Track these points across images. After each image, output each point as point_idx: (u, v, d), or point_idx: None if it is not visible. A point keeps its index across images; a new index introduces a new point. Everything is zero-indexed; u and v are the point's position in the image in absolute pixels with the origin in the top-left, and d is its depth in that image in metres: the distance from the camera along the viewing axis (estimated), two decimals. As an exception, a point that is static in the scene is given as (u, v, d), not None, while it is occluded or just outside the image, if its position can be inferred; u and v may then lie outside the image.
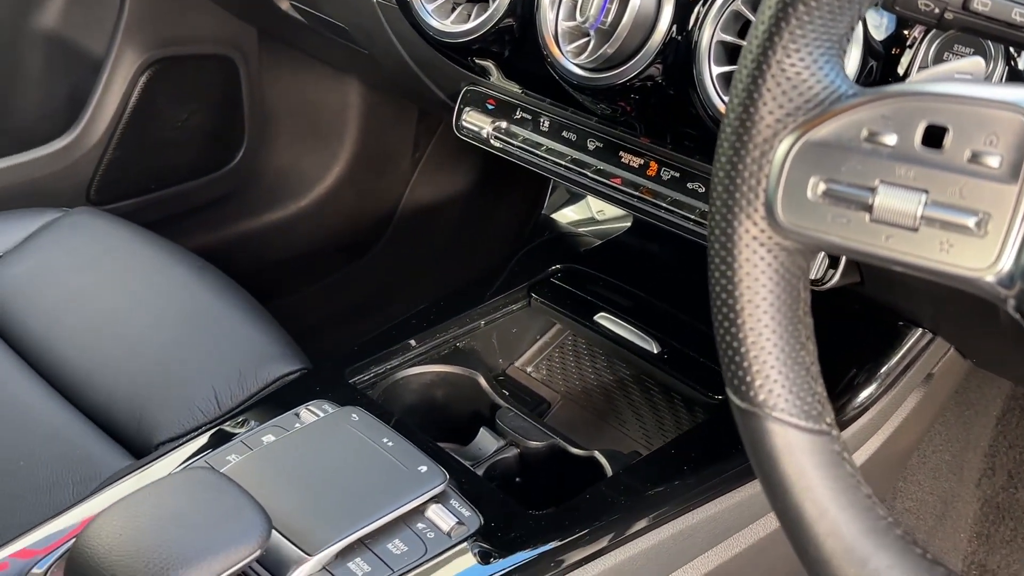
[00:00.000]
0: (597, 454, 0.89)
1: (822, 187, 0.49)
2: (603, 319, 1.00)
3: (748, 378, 0.51)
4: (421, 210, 1.70)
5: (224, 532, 0.66)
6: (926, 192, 0.47)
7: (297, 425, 0.83)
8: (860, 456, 0.92)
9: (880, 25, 0.70)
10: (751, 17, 0.73)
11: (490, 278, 1.07)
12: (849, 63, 0.69)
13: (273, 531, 0.70)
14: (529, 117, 0.94)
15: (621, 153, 0.88)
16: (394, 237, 1.72)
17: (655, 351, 0.97)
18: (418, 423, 0.90)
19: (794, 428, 0.51)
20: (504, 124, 0.95)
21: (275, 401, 0.88)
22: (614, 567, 0.79)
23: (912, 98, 0.47)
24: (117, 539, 0.65)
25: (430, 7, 0.88)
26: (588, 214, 1.29)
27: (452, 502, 0.77)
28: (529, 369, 1.06)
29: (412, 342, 0.98)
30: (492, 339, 1.03)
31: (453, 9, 0.89)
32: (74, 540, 0.67)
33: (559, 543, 0.76)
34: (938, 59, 0.67)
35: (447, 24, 0.87)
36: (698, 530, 0.83)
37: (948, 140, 0.47)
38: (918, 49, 0.67)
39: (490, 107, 0.96)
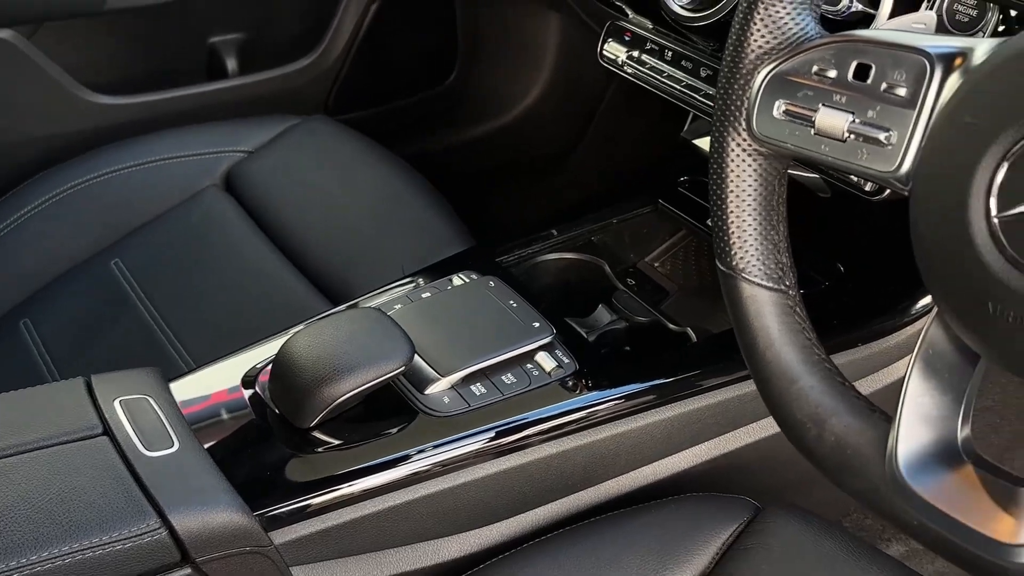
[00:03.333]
0: (689, 330, 1.08)
1: (783, 107, 0.66)
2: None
3: (729, 249, 0.70)
4: (603, 136, 1.89)
5: (380, 351, 0.91)
6: (852, 113, 0.63)
7: (449, 287, 1.07)
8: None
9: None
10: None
11: (629, 184, 1.26)
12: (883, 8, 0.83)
13: (417, 356, 0.95)
14: (656, 48, 1.12)
15: (727, 80, 1.04)
16: (578, 159, 1.92)
17: None
18: (550, 298, 1.12)
19: (759, 287, 0.69)
20: (636, 53, 1.14)
21: (439, 270, 1.13)
22: (684, 415, 0.99)
23: (850, 43, 0.63)
24: (307, 348, 0.91)
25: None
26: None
27: (557, 351, 0.99)
28: (656, 264, 1.24)
29: (554, 232, 1.20)
30: (624, 236, 1.23)
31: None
32: (279, 349, 0.94)
33: (634, 388, 0.97)
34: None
35: (586, -29, 1.07)
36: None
37: (871, 75, 0.62)
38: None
39: (626, 39, 1.15)
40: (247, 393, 0.96)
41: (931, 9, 0.80)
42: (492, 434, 0.93)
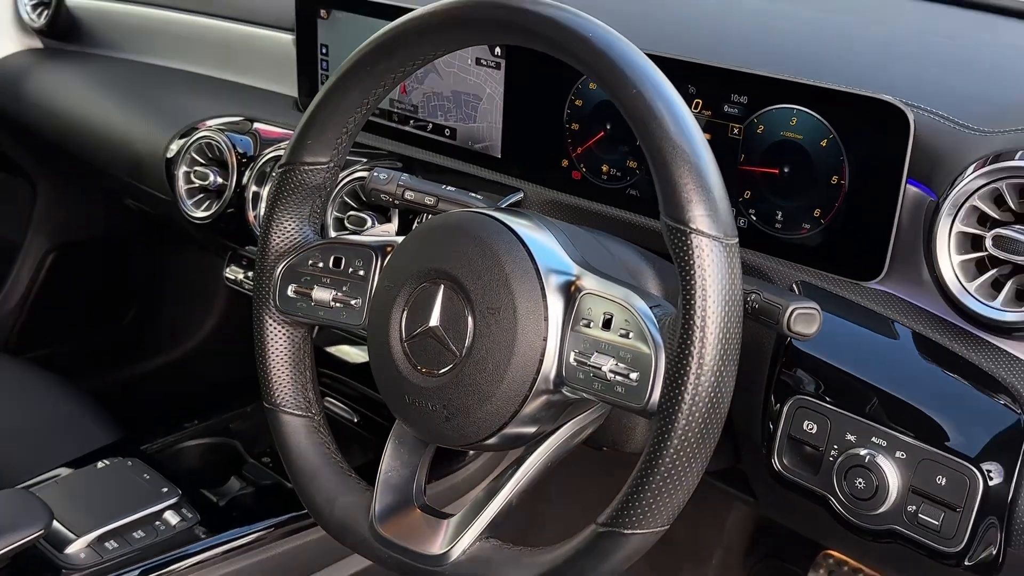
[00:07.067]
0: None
1: (294, 289, 0.96)
2: (330, 404, 1.47)
3: (270, 390, 0.97)
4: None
5: (20, 518, 1.10)
6: (335, 289, 0.94)
7: (93, 470, 1.28)
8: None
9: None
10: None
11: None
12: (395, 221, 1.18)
13: (58, 524, 1.14)
14: (267, 268, 1.42)
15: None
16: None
17: (355, 420, 1.43)
18: (188, 475, 1.34)
19: (292, 415, 0.97)
20: (251, 274, 1.44)
21: (91, 458, 1.32)
22: (297, 547, 1.23)
23: (330, 244, 0.95)
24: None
25: (189, 202, 1.39)
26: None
27: (183, 509, 1.21)
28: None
29: (196, 420, 1.43)
30: (261, 420, 1.48)
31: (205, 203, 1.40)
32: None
33: (249, 529, 1.20)
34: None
35: (198, 212, 1.38)
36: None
37: (343, 263, 0.94)
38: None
39: (244, 263, 1.45)
40: None
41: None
42: (122, 582, 1.13)
